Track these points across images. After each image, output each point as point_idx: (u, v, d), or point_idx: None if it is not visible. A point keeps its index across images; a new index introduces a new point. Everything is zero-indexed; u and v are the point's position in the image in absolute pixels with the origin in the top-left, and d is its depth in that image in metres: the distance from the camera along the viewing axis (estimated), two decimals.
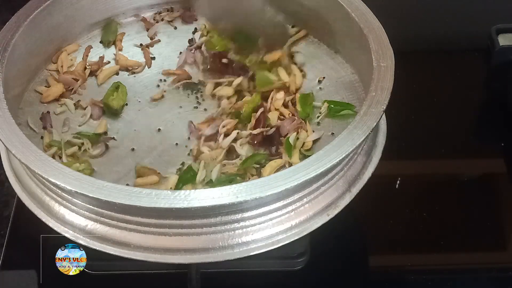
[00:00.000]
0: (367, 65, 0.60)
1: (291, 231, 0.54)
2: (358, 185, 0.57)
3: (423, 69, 0.82)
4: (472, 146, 0.75)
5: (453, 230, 0.66)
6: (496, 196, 0.71)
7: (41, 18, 0.64)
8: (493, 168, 0.73)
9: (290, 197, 0.53)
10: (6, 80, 0.58)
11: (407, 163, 0.73)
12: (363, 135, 0.53)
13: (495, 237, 0.67)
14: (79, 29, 0.70)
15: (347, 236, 0.64)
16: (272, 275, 0.62)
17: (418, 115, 0.76)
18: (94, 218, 0.54)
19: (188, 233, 0.52)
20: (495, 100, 0.79)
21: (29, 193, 0.57)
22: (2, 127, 0.54)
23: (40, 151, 0.52)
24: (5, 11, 0.81)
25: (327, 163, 0.51)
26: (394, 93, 0.56)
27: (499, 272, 0.64)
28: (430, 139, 0.74)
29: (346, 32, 0.66)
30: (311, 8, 0.69)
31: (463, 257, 0.66)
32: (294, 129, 0.62)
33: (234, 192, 0.49)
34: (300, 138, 0.61)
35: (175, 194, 0.49)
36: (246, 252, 0.53)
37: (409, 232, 0.67)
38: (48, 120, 0.63)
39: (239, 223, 0.52)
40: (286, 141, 0.61)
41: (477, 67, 0.83)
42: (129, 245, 0.53)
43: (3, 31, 0.62)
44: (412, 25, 0.87)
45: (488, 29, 0.81)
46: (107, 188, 0.50)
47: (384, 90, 0.56)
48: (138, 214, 0.52)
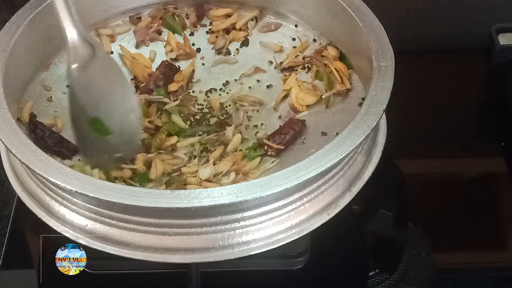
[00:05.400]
0: (367, 65, 0.60)
1: (291, 230, 0.54)
2: (358, 185, 0.58)
3: (423, 69, 0.82)
4: (472, 146, 0.75)
5: (453, 229, 0.66)
6: (496, 196, 0.71)
7: (41, 18, 0.64)
8: (493, 168, 0.73)
9: (290, 197, 0.53)
10: (6, 79, 0.58)
11: (407, 162, 0.73)
12: (363, 134, 0.53)
13: (495, 237, 0.67)
14: None
15: (347, 236, 0.64)
16: (272, 274, 0.62)
17: (418, 115, 0.76)
18: (94, 217, 0.54)
19: (188, 232, 0.52)
20: (495, 99, 0.79)
21: (29, 193, 0.57)
22: (2, 126, 0.54)
23: (40, 151, 0.52)
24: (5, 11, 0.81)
25: (328, 162, 0.51)
26: (394, 93, 0.56)
27: (499, 271, 0.64)
28: (430, 139, 0.74)
29: (346, 32, 0.66)
30: (311, 8, 0.69)
31: (463, 257, 0.66)
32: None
33: (234, 191, 0.49)
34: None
35: (175, 194, 0.49)
36: (246, 251, 0.53)
37: (409, 231, 0.67)
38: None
39: (239, 222, 0.52)
40: None
41: (477, 67, 0.83)
42: (129, 245, 0.53)
43: (3, 31, 0.62)
44: (412, 25, 0.87)
45: (488, 29, 0.81)
46: (107, 188, 0.50)
47: (384, 90, 0.56)
48: (138, 214, 0.52)
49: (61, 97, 0.67)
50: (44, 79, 0.67)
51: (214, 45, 0.72)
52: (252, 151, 0.62)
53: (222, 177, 0.60)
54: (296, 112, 0.66)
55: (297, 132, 0.63)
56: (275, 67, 0.71)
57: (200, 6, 0.74)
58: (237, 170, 0.60)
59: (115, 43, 0.72)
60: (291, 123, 0.64)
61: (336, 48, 0.69)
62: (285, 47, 0.72)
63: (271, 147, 0.62)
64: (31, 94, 0.65)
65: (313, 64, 0.69)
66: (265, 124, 0.66)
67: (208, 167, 0.60)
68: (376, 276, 0.63)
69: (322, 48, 0.69)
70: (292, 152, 0.63)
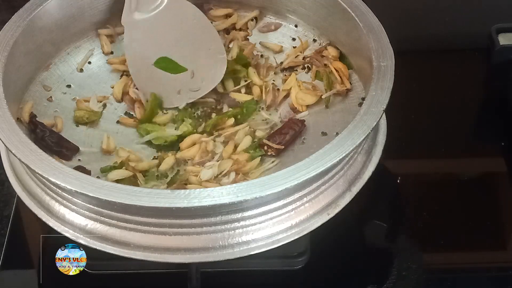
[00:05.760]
0: (367, 65, 0.60)
1: (291, 230, 0.54)
2: (358, 184, 0.58)
3: (423, 69, 0.82)
4: (472, 146, 0.75)
5: (453, 229, 0.66)
6: (496, 196, 0.71)
7: (41, 18, 0.64)
8: (493, 168, 0.73)
9: (290, 196, 0.53)
10: (6, 79, 0.58)
11: (407, 162, 0.73)
12: (363, 134, 0.53)
13: (495, 237, 0.67)
14: (79, 29, 0.70)
15: (347, 236, 0.64)
16: (272, 274, 0.62)
17: (418, 115, 0.76)
18: (94, 217, 0.54)
19: (188, 232, 0.52)
20: (495, 99, 0.79)
21: (29, 193, 0.57)
22: (2, 126, 0.54)
23: (40, 151, 0.52)
24: (5, 11, 0.81)
25: (328, 162, 0.51)
26: (394, 93, 0.56)
27: (499, 271, 0.64)
28: (430, 139, 0.74)
29: (346, 32, 0.66)
30: (311, 8, 0.69)
31: (463, 257, 0.65)
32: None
33: (234, 191, 0.49)
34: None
35: (175, 194, 0.49)
36: (246, 251, 0.53)
37: (409, 231, 0.67)
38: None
39: (239, 222, 0.52)
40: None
41: (477, 67, 0.83)
42: (129, 245, 0.53)
43: (3, 31, 0.62)
44: (412, 25, 0.87)
45: (488, 28, 0.81)
46: (107, 188, 0.50)
47: (384, 90, 0.56)
48: (138, 214, 0.52)
49: (61, 97, 0.67)
50: (44, 79, 0.67)
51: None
52: (252, 151, 0.62)
53: (222, 177, 0.60)
54: (296, 112, 0.66)
55: (297, 132, 0.63)
56: (275, 67, 0.70)
57: (200, 6, 0.74)
58: (237, 170, 0.60)
59: (115, 43, 0.72)
60: (291, 123, 0.64)
61: (336, 48, 0.69)
62: (285, 47, 0.72)
63: (271, 147, 0.62)
64: (31, 94, 0.65)
65: (313, 64, 0.69)
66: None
67: (211, 169, 0.60)
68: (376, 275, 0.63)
69: (322, 48, 0.69)
70: (292, 152, 0.63)
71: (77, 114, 0.66)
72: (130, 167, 0.60)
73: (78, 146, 0.63)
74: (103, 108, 0.67)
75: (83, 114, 0.66)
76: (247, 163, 0.61)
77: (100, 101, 0.68)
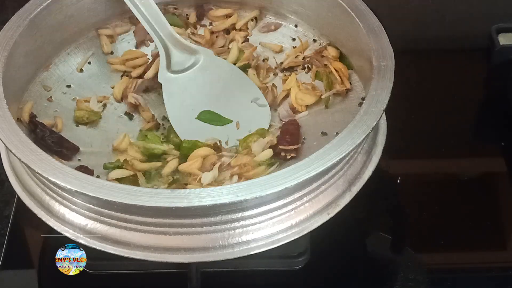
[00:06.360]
0: (367, 65, 0.60)
1: (291, 230, 0.54)
2: (358, 184, 0.58)
3: (423, 69, 0.82)
4: (472, 146, 0.75)
5: (453, 229, 0.66)
6: (496, 196, 0.71)
7: (41, 18, 0.64)
8: (493, 168, 0.73)
9: (290, 196, 0.53)
10: (6, 79, 0.58)
11: (407, 162, 0.73)
12: (363, 134, 0.53)
13: (495, 237, 0.67)
14: (79, 28, 0.70)
15: (347, 236, 0.64)
16: (272, 274, 0.62)
17: (418, 115, 0.76)
18: (94, 217, 0.54)
19: (188, 232, 0.52)
20: (495, 99, 0.79)
21: (29, 193, 0.57)
22: (2, 126, 0.54)
23: (40, 151, 0.52)
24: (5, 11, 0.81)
25: (328, 162, 0.51)
26: (394, 93, 0.56)
27: (499, 271, 0.64)
28: (430, 139, 0.74)
29: (346, 32, 0.66)
30: (311, 8, 0.69)
31: (463, 257, 0.65)
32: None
33: (234, 191, 0.49)
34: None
35: (175, 193, 0.49)
36: (246, 251, 0.53)
37: (409, 231, 0.67)
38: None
39: (239, 222, 0.52)
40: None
41: (477, 67, 0.83)
42: (129, 244, 0.53)
43: (3, 31, 0.62)
44: (412, 25, 0.87)
45: (488, 29, 0.81)
46: (107, 187, 0.50)
47: (384, 90, 0.56)
48: (138, 213, 0.52)
49: (61, 97, 0.67)
50: (44, 79, 0.67)
51: (214, 45, 0.72)
52: (268, 166, 0.61)
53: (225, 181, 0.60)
54: (296, 113, 0.66)
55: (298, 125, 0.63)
56: (275, 67, 0.71)
57: (200, 7, 0.74)
58: (240, 175, 0.60)
59: (115, 43, 0.72)
60: (287, 125, 0.64)
61: (336, 48, 0.69)
62: (285, 47, 0.72)
63: (289, 150, 0.62)
64: (31, 94, 0.65)
65: (313, 64, 0.69)
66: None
67: (211, 172, 0.60)
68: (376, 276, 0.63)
69: (322, 48, 0.69)
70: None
71: (77, 114, 0.66)
72: (130, 166, 0.60)
73: (78, 146, 0.63)
74: (103, 108, 0.67)
75: (83, 114, 0.66)
76: (253, 169, 0.60)
77: (100, 101, 0.68)
